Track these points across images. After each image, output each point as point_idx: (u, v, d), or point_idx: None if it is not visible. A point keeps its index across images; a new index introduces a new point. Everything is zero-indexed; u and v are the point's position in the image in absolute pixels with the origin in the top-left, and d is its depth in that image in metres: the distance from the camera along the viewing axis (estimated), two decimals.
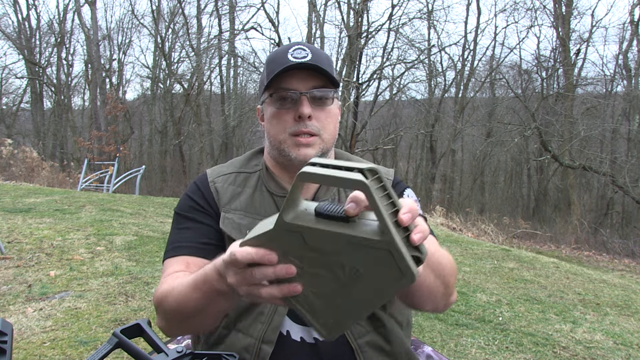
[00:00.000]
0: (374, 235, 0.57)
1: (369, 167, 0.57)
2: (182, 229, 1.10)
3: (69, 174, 15.72)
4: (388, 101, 21.23)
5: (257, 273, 0.65)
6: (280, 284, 0.66)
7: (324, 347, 1.04)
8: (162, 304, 0.95)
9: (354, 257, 0.60)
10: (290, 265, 0.64)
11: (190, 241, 1.07)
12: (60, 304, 3.41)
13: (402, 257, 0.57)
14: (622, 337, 3.57)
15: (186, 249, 1.06)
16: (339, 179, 0.56)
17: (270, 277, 0.65)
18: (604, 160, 15.41)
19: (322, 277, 0.64)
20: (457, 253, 6.37)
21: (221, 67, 23.27)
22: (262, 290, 0.67)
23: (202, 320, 0.89)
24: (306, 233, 0.61)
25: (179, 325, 0.94)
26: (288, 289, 0.66)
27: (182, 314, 0.89)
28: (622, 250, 10.77)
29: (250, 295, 0.69)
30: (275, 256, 0.64)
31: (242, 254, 0.65)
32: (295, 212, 0.61)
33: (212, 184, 1.14)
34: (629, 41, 17.76)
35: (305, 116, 1.02)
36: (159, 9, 23.13)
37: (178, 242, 1.08)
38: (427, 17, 17.73)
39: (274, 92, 1.05)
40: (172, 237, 1.11)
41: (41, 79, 23.73)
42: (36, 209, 6.56)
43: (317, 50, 1.06)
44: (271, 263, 0.64)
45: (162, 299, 0.94)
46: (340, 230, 0.58)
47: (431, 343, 3.20)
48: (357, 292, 0.63)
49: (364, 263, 0.60)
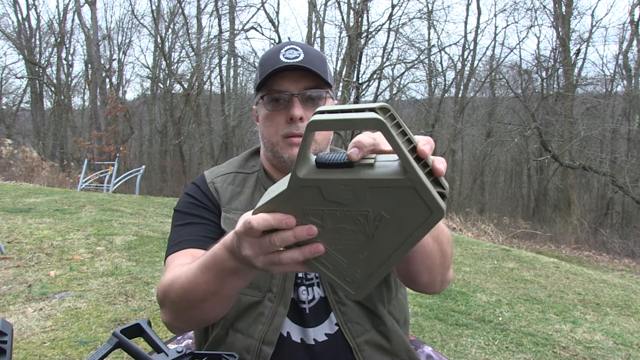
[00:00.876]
0: (397, 175, 0.54)
1: (380, 105, 0.54)
2: (185, 224, 1.08)
3: (69, 174, 15.73)
4: (388, 101, 21.22)
5: (276, 239, 0.61)
6: (301, 246, 0.62)
7: (323, 347, 1.03)
8: (167, 294, 0.91)
9: (377, 202, 0.56)
10: (311, 226, 0.60)
11: (194, 235, 1.05)
12: (60, 304, 3.41)
13: (429, 192, 0.54)
14: (622, 337, 3.57)
15: (191, 242, 1.04)
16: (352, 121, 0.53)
17: (291, 241, 0.61)
18: (604, 160, 15.41)
19: (345, 231, 0.60)
20: (457, 253, 6.36)
21: (221, 67, 23.31)
22: (282, 256, 0.63)
23: (213, 305, 0.85)
24: (324, 186, 0.57)
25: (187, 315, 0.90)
26: (310, 249, 0.62)
27: (191, 300, 0.85)
28: (622, 250, 10.77)
29: (270, 264, 0.65)
30: (293, 219, 0.60)
31: (258, 221, 0.61)
32: (308, 167, 0.58)
33: (212, 184, 1.13)
34: (629, 41, 17.78)
35: (297, 118, 1.01)
36: (158, 9, 23.13)
37: (182, 237, 1.06)
38: (427, 17, 17.75)
39: (266, 94, 1.05)
40: (174, 234, 1.08)
41: (41, 79, 23.74)
42: (36, 209, 6.56)
43: (309, 50, 1.05)
44: (290, 227, 0.60)
45: (167, 289, 0.91)
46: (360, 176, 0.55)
47: (431, 343, 3.20)
48: (384, 241, 0.60)
49: (388, 207, 0.57)
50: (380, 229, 0.59)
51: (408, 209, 0.56)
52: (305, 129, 0.55)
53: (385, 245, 0.61)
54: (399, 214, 0.57)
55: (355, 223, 0.59)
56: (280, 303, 1.03)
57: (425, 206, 0.55)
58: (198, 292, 0.83)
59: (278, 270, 0.67)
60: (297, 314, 1.05)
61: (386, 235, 0.60)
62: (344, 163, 0.56)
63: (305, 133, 0.56)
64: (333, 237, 0.61)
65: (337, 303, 1.04)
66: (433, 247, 0.88)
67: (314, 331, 1.04)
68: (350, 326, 1.04)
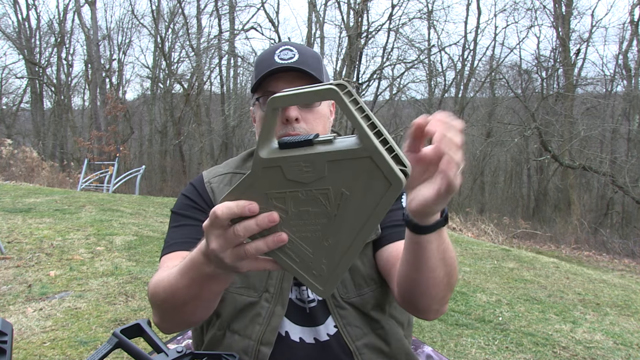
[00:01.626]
0: (353, 146, 0.56)
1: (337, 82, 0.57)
2: (179, 226, 1.10)
3: (69, 174, 15.73)
4: (388, 101, 21.24)
5: (239, 229, 0.61)
6: (265, 237, 0.62)
7: (323, 347, 1.03)
8: (152, 297, 0.93)
9: (337, 178, 0.57)
10: (272, 212, 0.61)
11: (186, 237, 1.07)
12: (60, 304, 3.41)
13: (385, 161, 0.55)
14: (622, 337, 3.57)
15: (182, 245, 1.05)
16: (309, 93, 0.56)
17: (254, 229, 0.61)
18: (604, 160, 15.41)
19: (308, 215, 0.61)
20: (457, 253, 6.32)
21: (221, 67, 23.30)
22: (247, 247, 0.63)
23: (194, 308, 0.86)
24: (285, 165, 0.58)
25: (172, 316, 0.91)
26: (273, 239, 0.62)
27: (172, 304, 0.86)
28: (622, 250, 10.77)
29: (237, 258, 0.65)
30: (256, 205, 0.61)
31: (222, 209, 0.61)
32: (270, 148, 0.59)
33: (208, 184, 1.14)
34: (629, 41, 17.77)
35: (293, 119, 1.01)
36: (158, 9, 23.13)
37: (174, 239, 1.08)
38: (427, 17, 17.75)
39: (262, 95, 1.05)
40: (169, 235, 1.11)
41: (41, 79, 23.74)
42: (36, 209, 6.56)
43: (305, 50, 1.05)
44: (253, 213, 0.61)
45: (153, 292, 0.92)
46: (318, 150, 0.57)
47: (431, 343, 3.20)
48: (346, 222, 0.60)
49: (347, 182, 0.57)
50: (342, 207, 0.59)
51: (367, 183, 0.57)
52: (267, 106, 0.57)
53: (348, 227, 0.61)
54: (358, 190, 0.58)
55: (317, 204, 0.60)
56: (278, 303, 1.03)
57: (383, 177, 0.56)
58: (179, 296, 0.83)
59: (248, 267, 0.66)
60: (297, 313, 1.05)
61: (348, 215, 0.60)
62: (305, 141, 0.57)
63: (267, 111, 0.57)
64: (297, 223, 0.62)
65: (336, 307, 1.04)
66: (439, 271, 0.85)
67: (315, 330, 1.04)
68: (349, 329, 1.04)
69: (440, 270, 0.86)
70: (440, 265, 0.85)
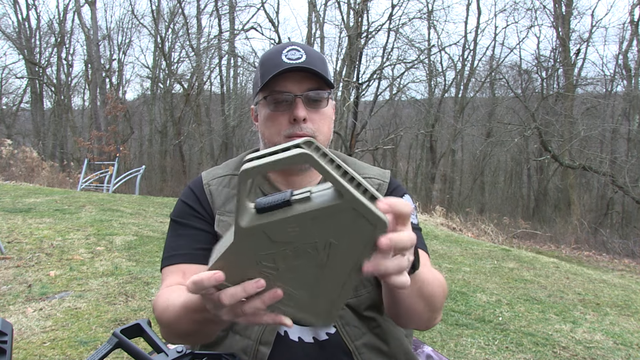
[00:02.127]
0: (334, 201, 0.57)
1: (303, 140, 0.58)
2: (177, 235, 1.10)
3: (69, 174, 15.73)
4: (388, 101, 21.24)
5: (224, 297, 0.62)
6: (260, 295, 0.63)
7: (322, 346, 1.03)
8: (160, 319, 0.96)
9: (323, 231, 0.59)
10: (259, 280, 0.62)
11: (185, 249, 1.07)
12: (60, 304, 3.41)
13: (368, 209, 0.57)
14: (622, 337, 3.57)
15: (181, 257, 1.06)
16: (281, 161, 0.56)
17: (241, 296, 0.62)
18: (604, 160, 15.40)
19: (299, 267, 0.62)
20: (457, 253, 6.37)
21: (221, 67, 23.31)
22: (245, 307, 0.64)
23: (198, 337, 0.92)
24: (268, 230, 0.59)
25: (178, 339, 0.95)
26: (269, 296, 0.63)
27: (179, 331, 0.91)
28: (622, 250, 10.77)
29: (234, 316, 0.66)
30: (221, 274, 0.61)
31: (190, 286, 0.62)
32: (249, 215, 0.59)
33: (207, 186, 1.14)
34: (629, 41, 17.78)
35: (300, 119, 1.02)
36: (158, 9, 23.14)
37: (173, 249, 1.09)
38: (427, 17, 17.74)
39: (269, 95, 1.05)
40: (168, 244, 1.11)
41: (41, 79, 23.74)
42: (36, 209, 6.56)
43: (311, 51, 1.05)
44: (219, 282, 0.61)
45: (160, 315, 0.96)
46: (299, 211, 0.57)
47: (431, 343, 3.20)
48: (338, 266, 0.62)
49: (334, 233, 0.59)
50: (331, 255, 0.61)
51: (353, 230, 0.58)
52: (239, 179, 0.57)
53: (340, 269, 0.62)
54: (345, 237, 0.59)
55: (306, 257, 0.61)
56: None
57: (367, 222, 0.58)
58: (183, 327, 0.87)
59: (246, 321, 0.67)
60: None
61: (339, 260, 0.61)
62: (282, 203, 0.58)
63: (239, 183, 0.58)
64: (289, 277, 0.63)
65: None
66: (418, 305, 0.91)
67: (314, 330, 1.04)
68: (348, 329, 1.04)
69: (419, 305, 0.91)
70: (418, 301, 0.89)
